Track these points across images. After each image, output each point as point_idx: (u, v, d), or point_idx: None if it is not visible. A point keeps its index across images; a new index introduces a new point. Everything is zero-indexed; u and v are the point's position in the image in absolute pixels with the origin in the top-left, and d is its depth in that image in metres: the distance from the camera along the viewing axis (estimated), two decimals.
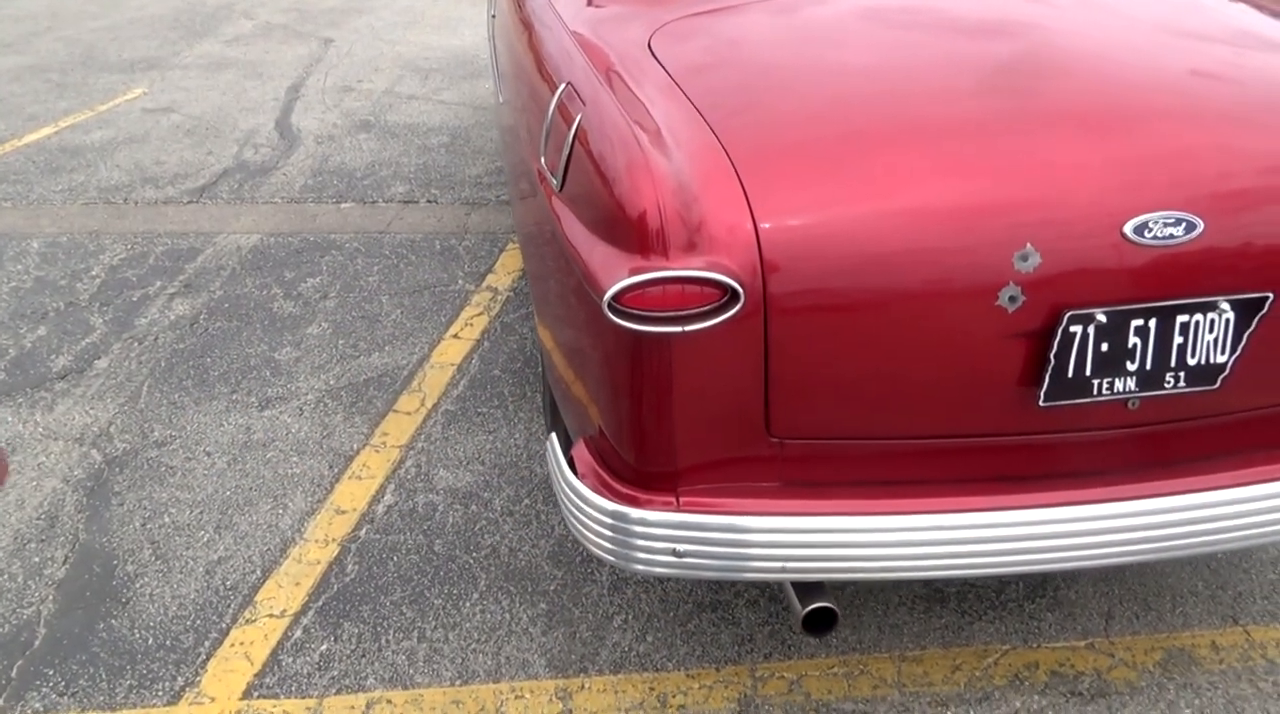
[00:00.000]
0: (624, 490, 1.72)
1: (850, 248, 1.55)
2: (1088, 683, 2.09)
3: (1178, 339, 1.58)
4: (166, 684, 2.14)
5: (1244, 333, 1.59)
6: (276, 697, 2.11)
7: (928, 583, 2.33)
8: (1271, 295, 1.58)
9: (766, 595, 2.32)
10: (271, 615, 2.31)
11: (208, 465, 2.82)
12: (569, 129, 1.84)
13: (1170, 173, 1.58)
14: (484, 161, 4.88)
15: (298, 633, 2.26)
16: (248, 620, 2.30)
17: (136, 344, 3.41)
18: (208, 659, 2.20)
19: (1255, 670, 2.11)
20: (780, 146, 1.66)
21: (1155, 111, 1.69)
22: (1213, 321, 1.58)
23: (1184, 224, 1.54)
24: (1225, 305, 1.57)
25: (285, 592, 2.37)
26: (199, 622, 2.30)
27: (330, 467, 2.79)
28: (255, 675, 2.16)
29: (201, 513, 2.64)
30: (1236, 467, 1.74)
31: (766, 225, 1.55)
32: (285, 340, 3.41)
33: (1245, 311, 1.58)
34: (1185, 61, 1.84)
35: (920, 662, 2.15)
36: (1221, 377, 1.62)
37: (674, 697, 2.09)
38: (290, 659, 2.20)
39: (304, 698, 2.11)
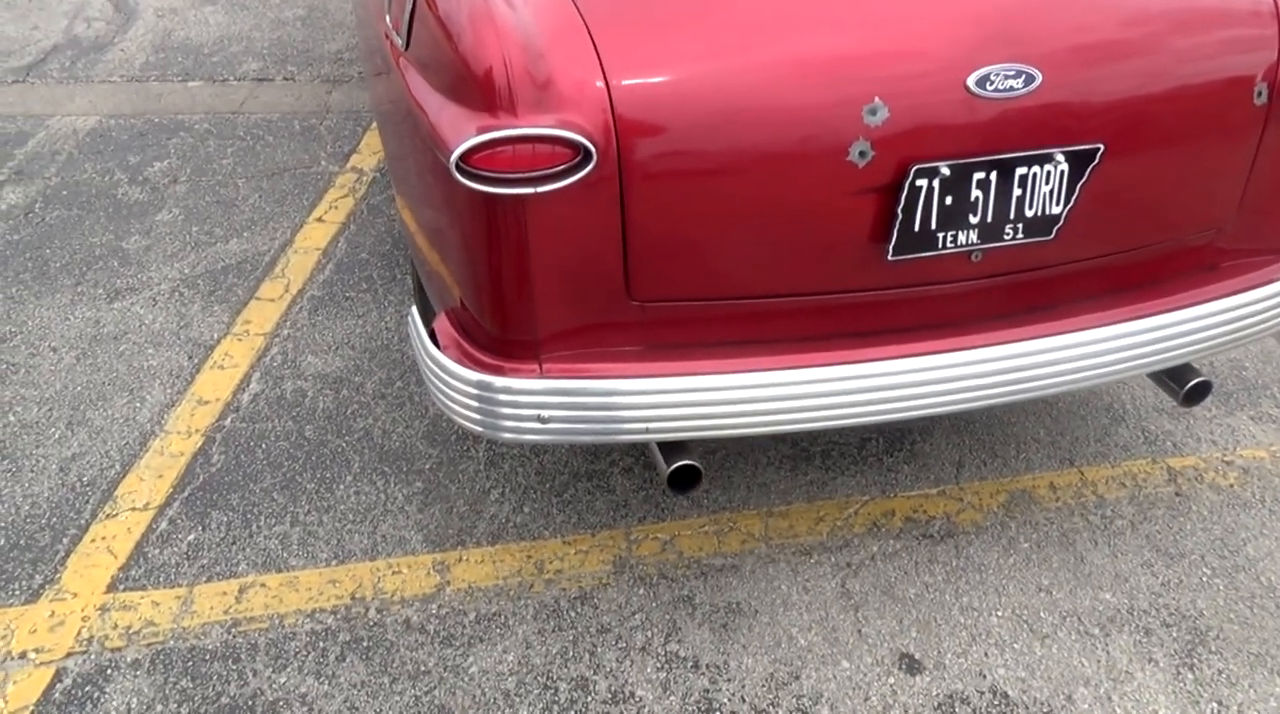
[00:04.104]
0: (487, 360, 1.70)
1: (705, 104, 1.53)
2: (938, 526, 2.23)
3: (1016, 191, 1.64)
4: (24, 583, 2.07)
5: (1077, 184, 1.66)
6: (144, 588, 2.07)
7: (794, 442, 2.43)
8: (1103, 146, 1.64)
9: (640, 463, 2.37)
10: (134, 509, 2.24)
11: (54, 361, 2.66)
12: None
13: (1012, 26, 1.60)
14: (344, 36, 4.60)
15: (163, 525, 2.21)
16: (108, 515, 2.22)
17: None
18: (67, 556, 2.13)
19: (1087, 506, 2.29)
20: (631, 2, 1.60)
21: None
22: (1049, 173, 1.63)
23: (1023, 76, 1.57)
24: (1060, 157, 1.63)
25: (147, 485, 2.30)
26: (55, 519, 2.21)
27: (189, 357, 2.68)
28: (119, 569, 2.10)
29: (50, 410, 2.51)
30: (1072, 314, 1.83)
31: (619, 82, 1.51)
32: (133, 228, 3.21)
33: (1078, 163, 1.64)
34: None
35: (786, 516, 2.26)
36: (1056, 228, 1.69)
37: (551, 563, 2.14)
38: (156, 551, 2.15)
39: (173, 587, 2.07)
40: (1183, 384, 1.96)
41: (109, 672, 1.90)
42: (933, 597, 2.07)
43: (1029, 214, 1.67)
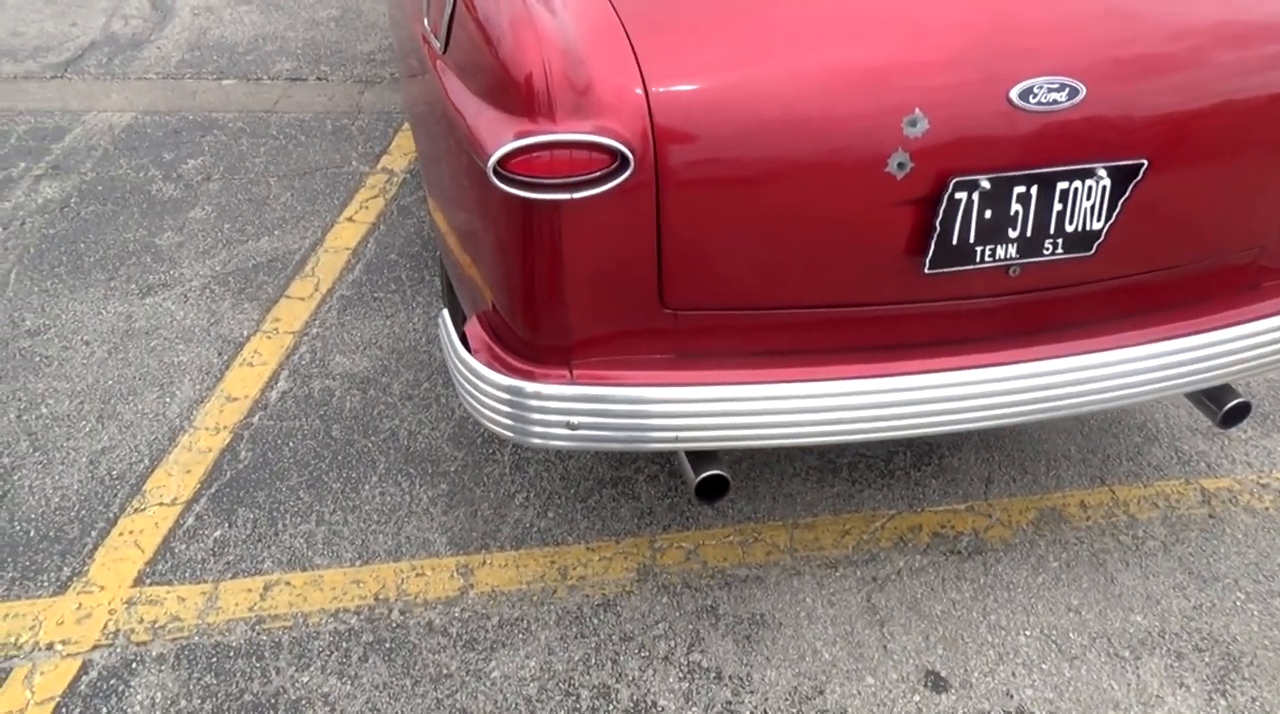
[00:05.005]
0: (518, 365, 1.70)
1: (743, 112, 1.52)
2: (966, 542, 2.21)
3: (1057, 206, 1.61)
4: (52, 575, 2.08)
5: (1119, 200, 1.64)
6: (170, 583, 2.08)
7: (821, 454, 2.41)
8: (1146, 162, 1.61)
9: (666, 470, 2.36)
10: (162, 504, 2.25)
11: (86, 355, 2.69)
12: None
13: (1057, 38, 1.58)
14: (377, 37, 4.62)
15: (190, 520, 2.22)
16: (137, 509, 2.24)
17: (1, 229, 3.19)
18: (95, 549, 2.14)
19: (1118, 526, 2.26)
20: (671, 8, 1.60)
21: None
22: (1090, 188, 1.61)
23: (1067, 90, 1.55)
24: (1102, 172, 1.60)
25: (175, 480, 2.31)
26: (84, 512, 2.23)
27: (219, 354, 2.69)
28: (146, 563, 2.12)
29: (82, 403, 2.53)
30: (1109, 332, 1.81)
31: (657, 89, 1.50)
32: (166, 224, 3.23)
33: (1121, 179, 1.62)
34: None
35: (812, 528, 2.24)
36: (1097, 243, 1.67)
37: (574, 569, 2.13)
38: (183, 546, 2.16)
39: (199, 583, 2.08)
40: (1221, 405, 1.92)
41: (134, 665, 1.91)
42: (960, 614, 2.04)
43: (1069, 229, 1.64)
